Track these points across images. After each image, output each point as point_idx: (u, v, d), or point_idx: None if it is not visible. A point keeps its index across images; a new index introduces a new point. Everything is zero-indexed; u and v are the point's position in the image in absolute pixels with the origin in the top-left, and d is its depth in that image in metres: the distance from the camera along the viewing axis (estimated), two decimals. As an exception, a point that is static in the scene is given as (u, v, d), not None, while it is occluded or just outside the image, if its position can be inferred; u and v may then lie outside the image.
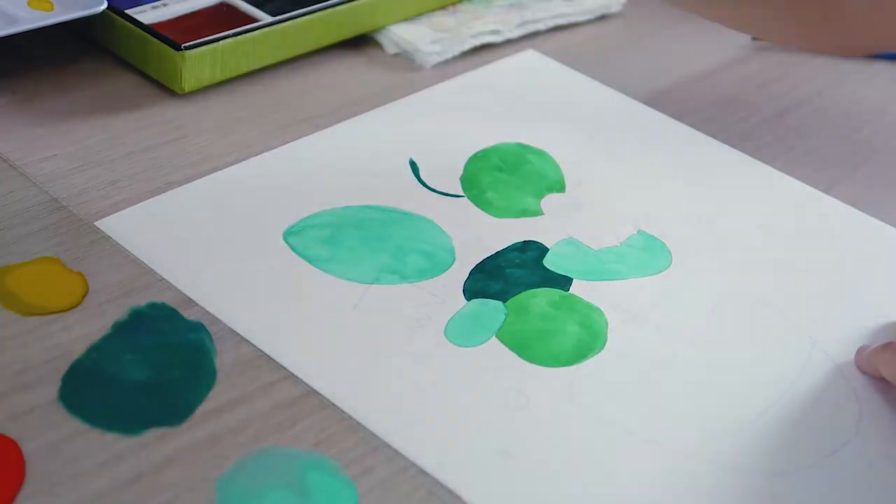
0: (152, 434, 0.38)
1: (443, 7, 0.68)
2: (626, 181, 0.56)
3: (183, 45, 0.55)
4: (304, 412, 0.40)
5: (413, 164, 0.54)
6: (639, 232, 0.52)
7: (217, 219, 0.49)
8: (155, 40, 0.56)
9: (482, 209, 0.52)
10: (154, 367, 0.41)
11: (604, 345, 0.45)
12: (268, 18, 0.59)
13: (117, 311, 0.43)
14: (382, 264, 0.47)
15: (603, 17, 0.73)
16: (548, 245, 0.50)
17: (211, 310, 0.44)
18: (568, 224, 0.52)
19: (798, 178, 0.58)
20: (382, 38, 0.65)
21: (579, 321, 0.46)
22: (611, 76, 0.65)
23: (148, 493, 0.36)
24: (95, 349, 0.41)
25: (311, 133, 0.55)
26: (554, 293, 0.48)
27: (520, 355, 0.44)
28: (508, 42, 0.67)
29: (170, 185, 0.50)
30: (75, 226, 0.47)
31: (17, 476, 0.36)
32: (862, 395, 0.45)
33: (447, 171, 0.54)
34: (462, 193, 0.53)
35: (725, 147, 0.60)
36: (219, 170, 0.52)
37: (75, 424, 0.38)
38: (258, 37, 0.58)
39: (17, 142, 0.52)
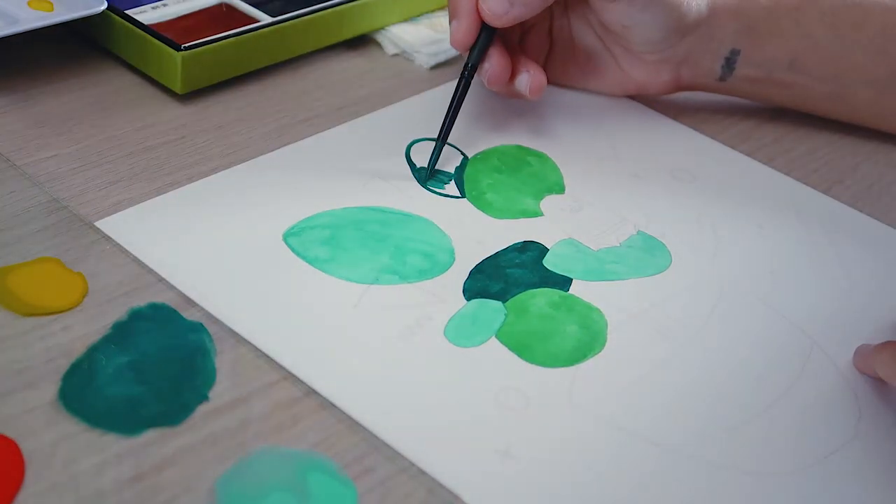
0: (152, 434, 0.38)
1: (442, 7, 0.68)
2: (626, 181, 0.56)
3: (183, 46, 0.55)
4: (304, 412, 0.40)
5: (413, 165, 0.54)
6: (638, 232, 0.52)
7: (217, 219, 0.49)
8: (155, 40, 0.56)
9: (482, 210, 0.52)
10: (154, 367, 0.41)
11: (603, 345, 0.45)
12: (268, 19, 0.59)
13: (117, 312, 0.43)
14: (382, 265, 0.47)
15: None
16: (547, 245, 0.50)
17: (211, 310, 0.44)
18: (567, 225, 0.52)
19: (798, 178, 0.58)
20: (382, 38, 0.65)
21: (579, 321, 0.46)
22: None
23: (148, 493, 0.36)
24: (95, 349, 0.41)
25: (311, 134, 0.55)
26: (553, 293, 0.48)
27: (519, 355, 0.44)
28: (508, 42, 0.67)
29: (170, 186, 0.50)
30: (75, 226, 0.47)
31: (17, 476, 0.36)
32: (861, 396, 0.45)
33: (447, 172, 0.54)
34: (462, 195, 0.53)
35: (725, 147, 0.60)
36: (219, 170, 0.52)
37: (75, 424, 0.38)
38: (258, 37, 0.58)
39: (17, 142, 0.52)
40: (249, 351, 0.42)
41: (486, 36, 0.54)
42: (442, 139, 0.54)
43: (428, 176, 0.53)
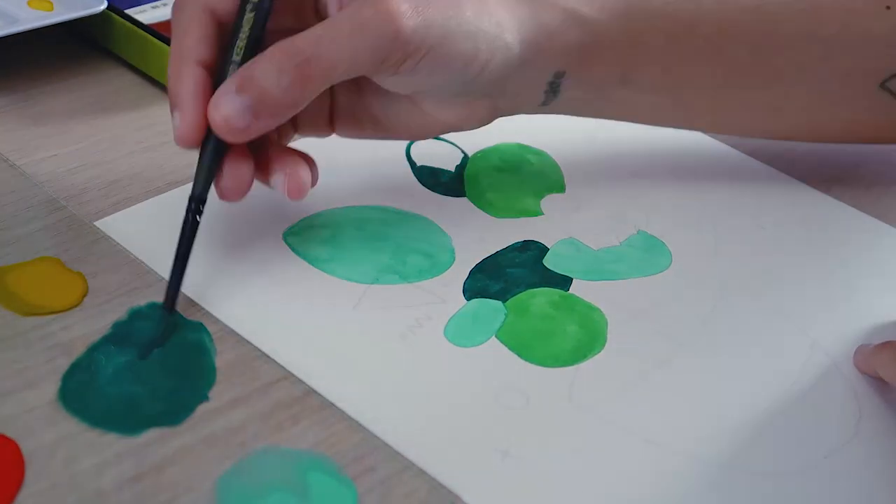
0: (152, 434, 0.38)
1: (443, 7, 0.68)
2: (626, 181, 0.56)
3: (183, 45, 0.55)
4: (304, 412, 0.40)
5: (413, 164, 0.54)
6: (639, 232, 0.52)
7: (217, 219, 0.48)
8: (155, 40, 0.56)
9: (482, 209, 0.52)
10: (154, 367, 0.41)
11: (604, 345, 0.45)
12: (268, 18, 0.59)
13: (117, 311, 0.43)
14: (382, 264, 0.47)
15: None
16: (548, 245, 0.50)
17: (211, 310, 0.44)
18: (568, 224, 0.52)
19: (798, 178, 0.58)
20: (382, 38, 0.65)
21: (579, 321, 0.46)
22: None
23: (148, 493, 0.36)
24: (95, 349, 0.41)
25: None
26: (554, 293, 0.47)
27: (520, 355, 0.44)
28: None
29: (170, 185, 0.50)
30: (75, 226, 0.47)
31: (17, 476, 0.36)
32: (861, 395, 0.45)
33: (447, 171, 0.54)
34: (462, 194, 0.53)
35: (725, 147, 0.60)
36: (219, 170, 0.52)
37: (75, 424, 0.38)
38: (258, 37, 0.58)
39: (17, 142, 0.52)
40: (249, 351, 0.42)
41: (213, 150, 0.42)
42: (173, 287, 0.43)
43: (167, 309, 0.43)
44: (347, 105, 0.48)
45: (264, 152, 0.44)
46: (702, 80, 0.53)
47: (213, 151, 0.42)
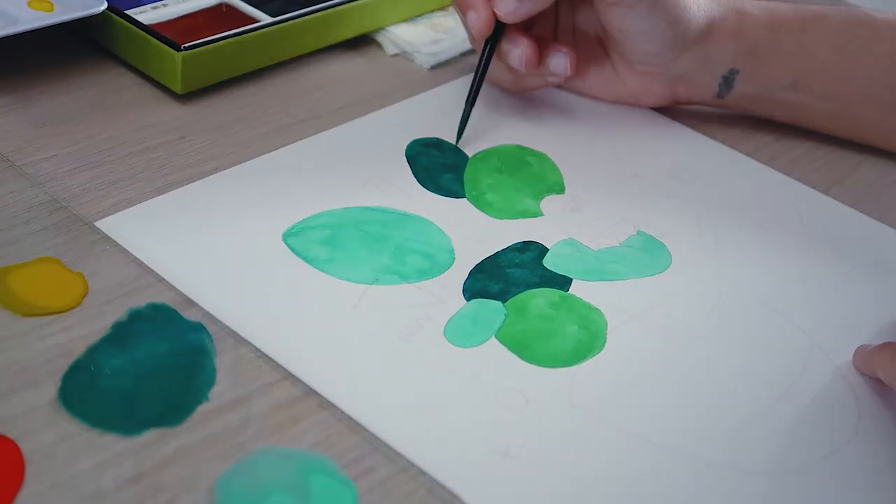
0: (152, 434, 0.38)
1: (442, 7, 0.68)
2: (626, 181, 0.56)
3: (183, 46, 0.55)
4: (304, 412, 0.40)
5: (413, 165, 0.54)
6: (638, 232, 0.52)
7: (217, 219, 0.49)
8: (155, 40, 0.56)
9: (482, 210, 0.52)
10: (154, 367, 0.41)
11: (603, 345, 0.45)
12: (268, 18, 0.59)
13: (117, 312, 0.43)
14: (382, 265, 0.47)
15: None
16: (547, 245, 0.50)
17: (211, 310, 0.44)
18: (567, 225, 0.52)
19: (798, 178, 0.58)
20: (382, 38, 0.65)
21: (579, 322, 0.46)
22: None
23: (148, 493, 0.36)
24: (95, 350, 0.41)
25: (311, 134, 0.55)
26: (553, 293, 0.48)
27: (519, 356, 0.44)
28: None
29: (170, 186, 0.50)
30: (75, 226, 0.47)
31: (17, 476, 0.36)
32: (861, 396, 0.45)
33: (447, 172, 0.54)
34: (462, 195, 0.53)
35: (725, 147, 0.60)
36: (219, 170, 0.52)
37: (75, 424, 0.38)
38: (258, 37, 0.58)
39: (17, 142, 0.52)
40: (249, 351, 0.42)
41: (497, 26, 0.56)
42: (470, 102, 0.56)
43: (458, 139, 0.56)
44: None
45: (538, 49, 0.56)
46: (871, 95, 0.59)
47: (497, 26, 0.55)
